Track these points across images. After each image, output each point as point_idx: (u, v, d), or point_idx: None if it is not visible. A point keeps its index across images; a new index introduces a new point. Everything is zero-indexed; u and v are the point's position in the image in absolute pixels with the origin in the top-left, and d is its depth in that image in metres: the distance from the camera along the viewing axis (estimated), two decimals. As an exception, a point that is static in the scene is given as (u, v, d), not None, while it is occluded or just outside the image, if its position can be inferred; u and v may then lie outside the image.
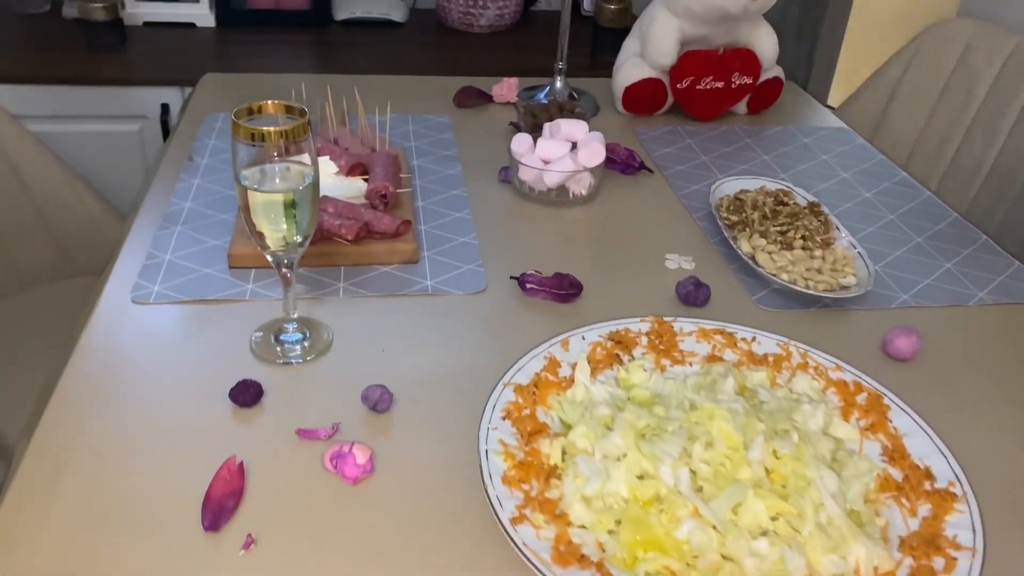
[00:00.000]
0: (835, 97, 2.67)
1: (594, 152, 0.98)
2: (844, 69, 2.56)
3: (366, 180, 0.93)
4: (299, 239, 0.68)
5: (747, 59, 1.20)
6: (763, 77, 1.23)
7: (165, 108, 1.56)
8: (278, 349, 0.73)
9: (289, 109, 0.66)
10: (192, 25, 1.75)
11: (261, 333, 0.75)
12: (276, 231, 0.67)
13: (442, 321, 0.79)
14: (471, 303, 0.82)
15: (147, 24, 1.73)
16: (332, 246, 0.85)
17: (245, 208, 0.66)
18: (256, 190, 0.65)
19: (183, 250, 0.85)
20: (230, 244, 0.84)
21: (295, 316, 0.74)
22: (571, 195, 1.00)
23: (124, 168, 1.62)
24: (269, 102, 0.66)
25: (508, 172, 1.05)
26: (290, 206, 0.66)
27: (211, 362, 0.72)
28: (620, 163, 1.08)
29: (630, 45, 1.26)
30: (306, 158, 0.66)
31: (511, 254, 0.90)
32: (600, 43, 1.74)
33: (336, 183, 0.92)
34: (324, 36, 1.77)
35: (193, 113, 1.17)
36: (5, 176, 1.23)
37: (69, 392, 0.68)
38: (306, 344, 0.74)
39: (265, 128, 0.62)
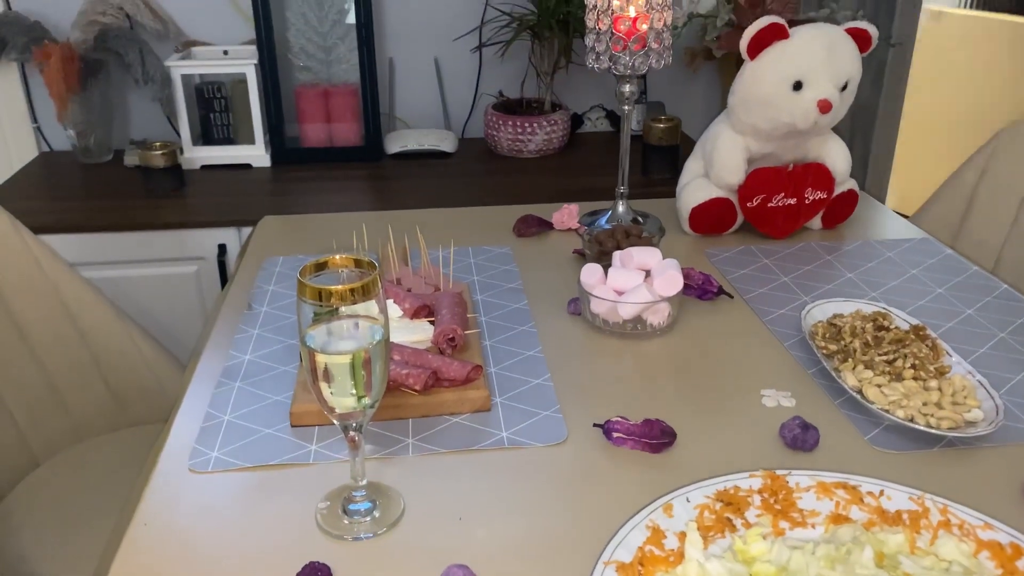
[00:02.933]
0: (892, 199, 2.61)
1: (671, 280, 0.92)
2: (899, 171, 2.51)
3: (432, 323, 0.88)
4: (369, 402, 0.62)
5: (819, 174, 1.14)
6: (837, 191, 1.17)
7: (222, 248, 1.56)
8: (346, 522, 0.66)
9: (358, 263, 0.62)
10: (248, 166, 1.78)
11: (327, 503, 0.68)
12: (345, 394, 0.61)
13: (522, 479, 0.72)
14: (552, 456, 0.75)
15: (204, 167, 1.76)
16: (399, 397, 0.79)
17: (312, 371, 0.60)
18: (324, 352, 0.59)
19: (243, 408, 0.80)
20: (292, 401, 0.79)
21: (363, 483, 0.67)
22: (648, 327, 0.94)
23: (181, 310, 1.61)
24: (337, 256, 0.61)
25: (577, 304, 0.99)
26: (361, 366, 0.60)
27: (274, 540, 0.65)
28: (696, 289, 1.01)
29: (693, 165, 1.22)
30: (375, 311, 0.61)
31: (590, 395, 0.83)
32: (650, 162, 1.72)
33: (401, 327, 0.87)
34: (377, 170, 1.78)
35: (251, 257, 1.15)
36: (63, 327, 1.22)
37: (120, 582, 0.61)
38: (376, 515, 0.67)
39: (333, 287, 0.57)
